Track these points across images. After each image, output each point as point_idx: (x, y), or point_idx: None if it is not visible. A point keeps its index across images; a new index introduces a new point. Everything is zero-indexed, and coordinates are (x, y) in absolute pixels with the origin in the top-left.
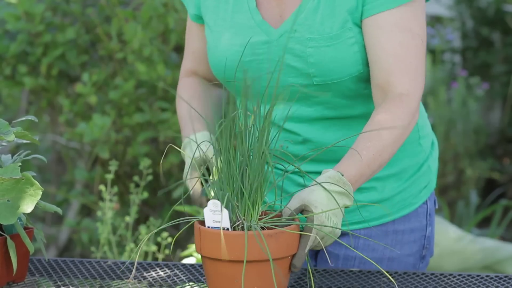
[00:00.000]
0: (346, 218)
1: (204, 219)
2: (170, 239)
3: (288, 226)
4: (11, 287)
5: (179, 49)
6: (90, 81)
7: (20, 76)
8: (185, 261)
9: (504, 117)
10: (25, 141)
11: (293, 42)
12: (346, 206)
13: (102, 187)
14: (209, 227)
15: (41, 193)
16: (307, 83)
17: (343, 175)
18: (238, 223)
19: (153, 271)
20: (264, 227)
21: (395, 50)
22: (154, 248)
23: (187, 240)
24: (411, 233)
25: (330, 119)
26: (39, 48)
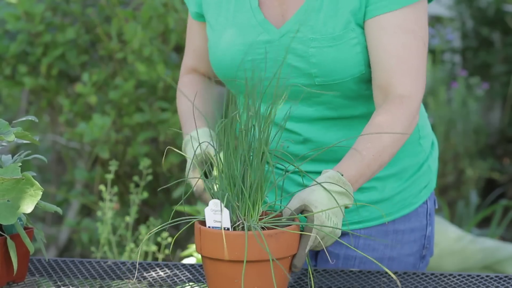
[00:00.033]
0: (346, 218)
1: (205, 219)
2: (170, 239)
3: (288, 226)
4: (11, 287)
5: (179, 49)
6: (90, 81)
7: (20, 76)
8: (185, 261)
9: (504, 117)
10: (25, 141)
11: (295, 42)
12: (346, 206)
13: (102, 187)
14: (209, 227)
15: (41, 193)
16: (308, 83)
17: (342, 175)
18: (238, 223)
19: (153, 271)
20: (264, 227)
21: (397, 52)
22: (154, 248)
23: (187, 240)
24: (411, 232)
25: (331, 119)
26: (39, 48)
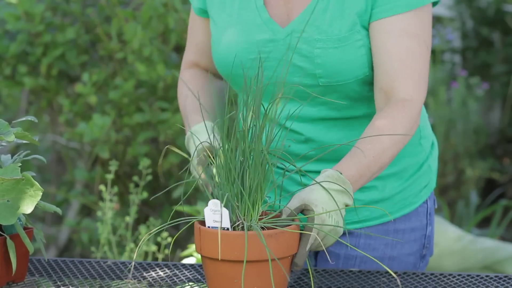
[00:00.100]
0: (346, 218)
1: (204, 219)
2: (170, 239)
3: (288, 226)
4: (11, 287)
5: (179, 49)
6: (90, 81)
7: (20, 76)
8: (185, 261)
9: (504, 117)
10: (25, 141)
11: (300, 42)
12: (346, 205)
13: (102, 187)
14: (209, 227)
15: (41, 193)
16: (312, 83)
17: (342, 173)
18: (238, 223)
19: (153, 271)
20: (264, 227)
21: (400, 55)
22: (154, 248)
23: (187, 240)
24: (411, 232)
25: (333, 119)
26: (39, 48)
